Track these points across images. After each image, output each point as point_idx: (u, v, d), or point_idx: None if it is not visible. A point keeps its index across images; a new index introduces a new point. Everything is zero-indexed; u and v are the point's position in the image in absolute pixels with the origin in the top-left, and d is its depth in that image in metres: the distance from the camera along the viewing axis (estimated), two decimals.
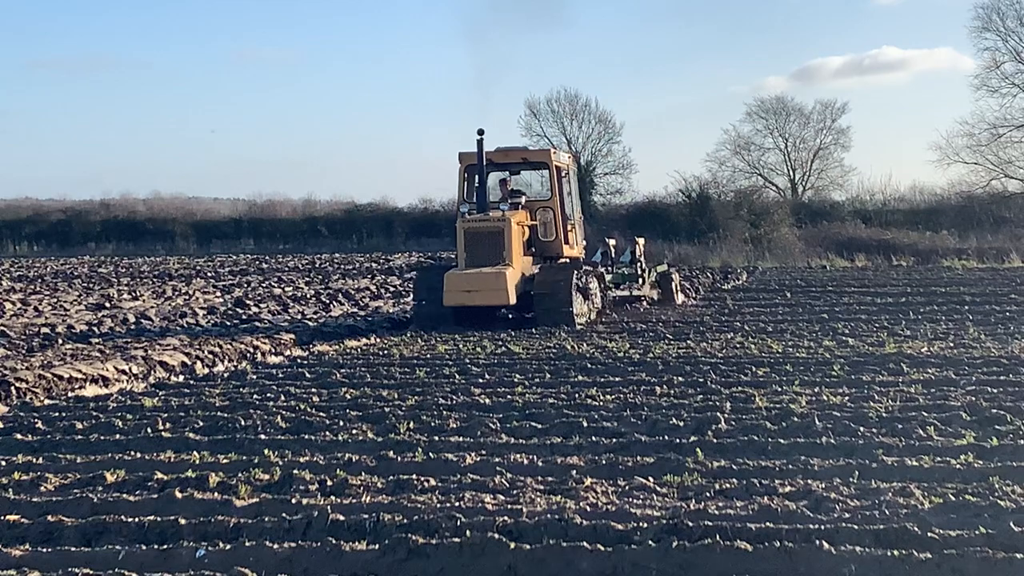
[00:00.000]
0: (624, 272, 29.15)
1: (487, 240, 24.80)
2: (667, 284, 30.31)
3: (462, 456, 11.49)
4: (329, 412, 14.22)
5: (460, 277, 24.44)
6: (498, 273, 24.23)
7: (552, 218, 26.56)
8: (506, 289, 24.08)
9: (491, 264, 24.51)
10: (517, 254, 24.96)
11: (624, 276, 29.04)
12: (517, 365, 18.23)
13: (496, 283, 24.14)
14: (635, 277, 29.15)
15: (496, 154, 26.49)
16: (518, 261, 24.95)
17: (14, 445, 12.75)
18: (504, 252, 24.66)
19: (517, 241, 25.01)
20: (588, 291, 25.72)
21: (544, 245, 26.61)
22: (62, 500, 10.12)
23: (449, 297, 24.34)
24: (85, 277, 43.78)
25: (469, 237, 24.99)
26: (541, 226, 26.52)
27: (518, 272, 24.82)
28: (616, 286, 28.66)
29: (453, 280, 24.40)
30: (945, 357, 17.81)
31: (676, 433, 12.33)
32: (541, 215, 26.57)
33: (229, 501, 9.93)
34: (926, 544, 8.12)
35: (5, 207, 76.80)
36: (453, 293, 24.29)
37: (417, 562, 8.17)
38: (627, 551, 8.16)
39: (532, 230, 26.25)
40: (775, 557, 7.93)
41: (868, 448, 11.34)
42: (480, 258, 24.68)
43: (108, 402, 15.72)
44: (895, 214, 57.39)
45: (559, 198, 26.50)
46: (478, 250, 24.80)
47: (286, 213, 73.15)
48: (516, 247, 24.91)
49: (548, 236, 26.59)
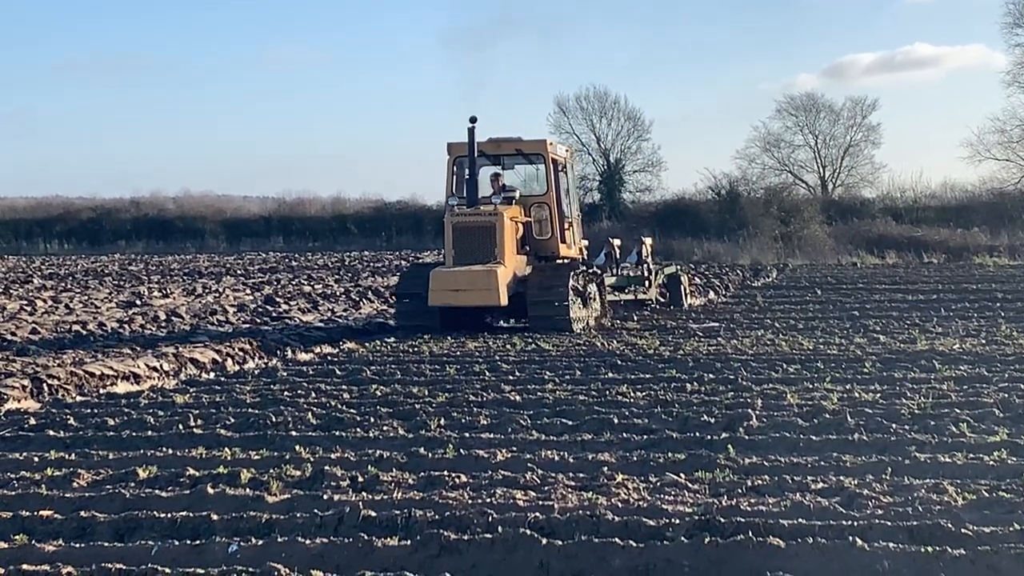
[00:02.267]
0: (629, 274, 27.61)
1: (477, 236, 23.24)
2: (676, 287, 28.66)
3: (493, 453, 11.50)
4: (360, 409, 14.25)
5: (447, 275, 22.91)
6: (488, 271, 22.59)
7: (548, 215, 24.80)
8: (497, 289, 22.44)
9: (481, 262, 22.89)
10: (510, 252, 23.36)
11: (629, 279, 27.49)
12: (547, 362, 18.23)
13: (486, 282, 22.52)
14: (641, 280, 27.57)
15: (488, 145, 24.66)
16: (511, 259, 23.34)
17: (47, 441, 12.81)
18: (496, 249, 23.06)
19: (510, 238, 23.43)
20: (587, 294, 24.27)
21: (539, 244, 24.86)
22: (95, 496, 10.16)
23: (435, 296, 22.73)
24: (116, 275, 43.95)
25: (458, 232, 23.50)
26: (536, 223, 24.77)
27: (510, 271, 23.22)
28: (620, 289, 27.16)
29: (439, 278, 22.82)
30: (977, 354, 17.76)
31: (707, 430, 12.32)
32: (536, 212, 24.78)
33: (261, 497, 9.96)
34: (960, 541, 8.09)
35: (36, 205, 77.16)
36: (439, 292, 22.69)
37: (449, 558, 8.17)
38: (659, 547, 8.14)
39: (526, 227, 24.56)
40: (808, 554, 7.91)
41: (901, 445, 11.31)
42: (469, 255, 23.09)
43: (140, 399, 15.77)
44: (926, 211, 57.11)
45: (555, 193, 24.79)
46: (467, 246, 23.23)
47: (315, 211, 73.25)
48: (509, 244, 23.34)
49: (543, 234, 24.85)
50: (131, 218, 71.98)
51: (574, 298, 23.37)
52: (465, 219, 23.43)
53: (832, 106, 67.50)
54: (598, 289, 25.12)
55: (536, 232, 24.73)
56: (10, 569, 8.04)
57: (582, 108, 65.69)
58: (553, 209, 24.72)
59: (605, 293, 25.56)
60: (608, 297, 25.88)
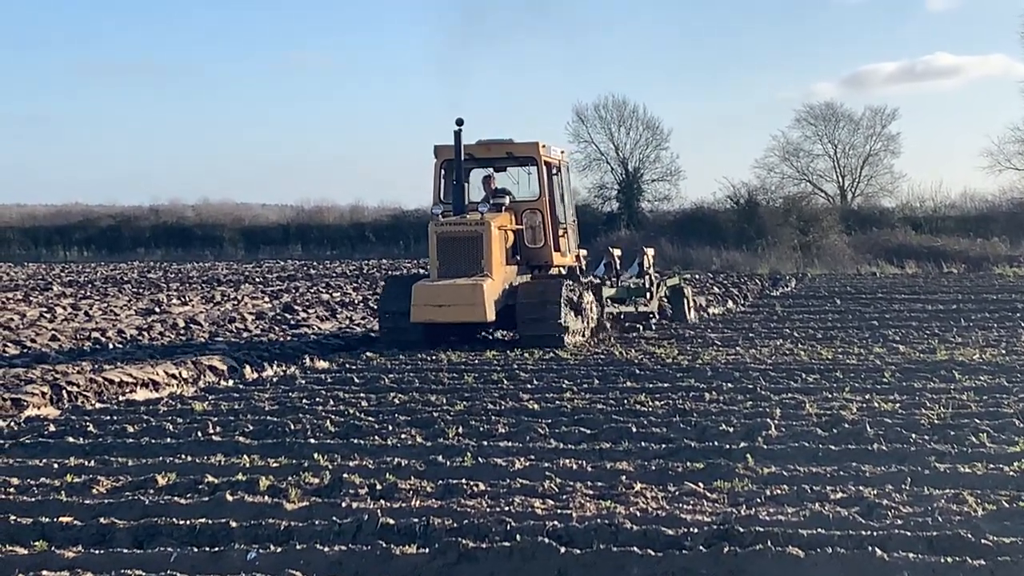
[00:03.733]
0: (629, 286, 25.56)
1: (463, 247, 21.80)
2: (679, 300, 26.95)
3: (511, 461, 11.50)
4: (378, 417, 14.27)
5: (429, 289, 21.48)
6: (474, 285, 21.17)
7: (541, 222, 23.33)
8: (482, 304, 21.01)
9: (467, 274, 21.53)
10: (498, 263, 21.96)
11: (629, 290, 25.42)
12: (565, 371, 18.23)
13: (471, 297, 21.09)
14: (642, 291, 25.54)
15: (477, 148, 23.22)
16: (499, 271, 21.96)
17: (66, 448, 12.85)
18: (482, 260, 21.66)
19: (498, 248, 22.02)
20: (581, 306, 22.71)
21: (531, 252, 23.42)
22: (114, 502, 10.19)
23: (417, 312, 21.31)
24: (135, 282, 44.04)
25: (442, 243, 22.04)
26: (529, 231, 23.37)
27: (499, 284, 21.85)
28: (621, 302, 25.20)
29: (421, 293, 21.40)
30: (997, 364, 17.72)
31: (726, 439, 12.31)
32: (528, 218, 23.34)
33: (279, 504, 9.97)
34: (980, 551, 8.08)
35: (56, 213, 77.36)
36: (421, 308, 21.28)
37: (467, 566, 8.18)
38: (677, 556, 8.14)
39: (518, 235, 23.16)
40: (827, 564, 7.90)
41: (920, 455, 11.29)
42: (454, 268, 21.74)
43: (159, 406, 15.81)
44: (946, 221, 56.97)
45: (549, 198, 23.31)
46: (452, 258, 21.84)
47: (333, 219, 73.27)
48: (496, 255, 21.91)
49: (536, 242, 23.41)
50: (150, 225, 72.09)
51: (567, 310, 21.98)
52: (450, 229, 22.08)
53: (851, 115, 67.39)
54: (596, 300, 23.74)
55: (529, 240, 23.43)
56: (30, 575, 8.07)
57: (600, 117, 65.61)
58: (546, 215, 23.32)
59: (603, 305, 24.14)
60: (608, 309, 24.51)
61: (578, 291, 22.70)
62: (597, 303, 23.73)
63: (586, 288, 23.27)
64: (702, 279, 41.08)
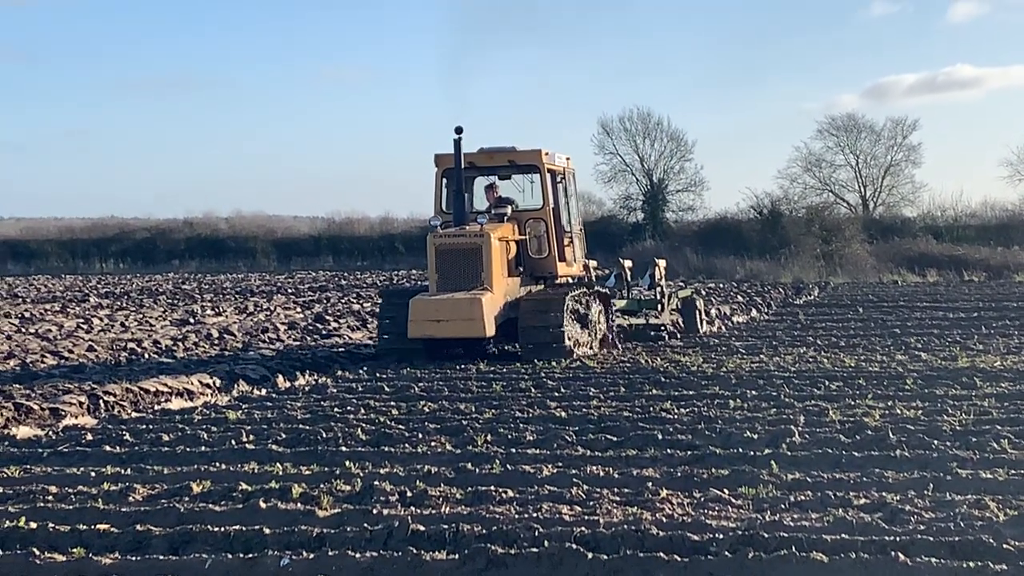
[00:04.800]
0: (641, 298, 24.75)
1: (462, 259, 20.79)
2: (691, 312, 25.85)
3: (539, 468, 11.50)
4: (408, 425, 14.29)
5: (427, 304, 20.56)
6: (472, 299, 20.23)
7: (545, 231, 22.24)
8: (481, 319, 20.10)
9: (466, 288, 20.57)
10: (499, 276, 20.95)
11: (640, 303, 24.56)
12: (592, 379, 18.22)
13: (469, 312, 20.16)
14: (653, 303, 24.62)
15: (479, 156, 22.34)
16: (499, 284, 20.94)
17: (103, 456, 12.90)
18: (482, 273, 20.66)
19: (498, 260, 20.96)
20: (588, 318, 21.76)
21: (536, 263, 22.33)
22: (150, 510, 10.23)
23: (415, 327, 20.44)
24: (170, 293, 44.15)
25: (441, 256, 21.00)
26: (533, 241, 22.29)
27: (499, 297, 20.87)
28: (632, 314, 24.33)
29: (419, 307, 20.50)
30: (1018, 371, 17.65)
31: (750, 446, 12.28)
32: (532, 228, 22.25)
33: (312, 512, 10.00)
34: (1002, 556, 8.05)
35: (92, 226, 77.58)
36: (419, 323, 20.39)
37: (496, 572, 8.19)
38: (703, 562, 8.14)
39: (521, 246, 22.12)
40: (850, 569, 7.88)
41: (942, 461, 11.25)
42: (454, 281, 20.75)
43: (193, 415, 15.86)
44: (966, 230, 56.80)
45: (552, 207, 22.22)
46: (451, 271, 20.83)
47: (364, 231, 73.33)
48: (497, 267, 20.90)
49: (541, 253, 22.30)
50: (184, 238, 72.28)
51: (572, 322, 21.09)
52: (449, 241, 21.03)
53: (873, 126, 67.15)
54: (604, 311, 22.79)
55: (533, 250, 22.35)
56: None
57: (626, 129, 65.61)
58: (551, 224, 22.23)
59: (612, 315, 23.10)
60: (618, 321, 23.62)
61: (585, 302, 21.84)
62: (605, 314, 22.82)
63: (593, 299, 22.29)
64: (726, 288, 41.03)
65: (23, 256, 71.15)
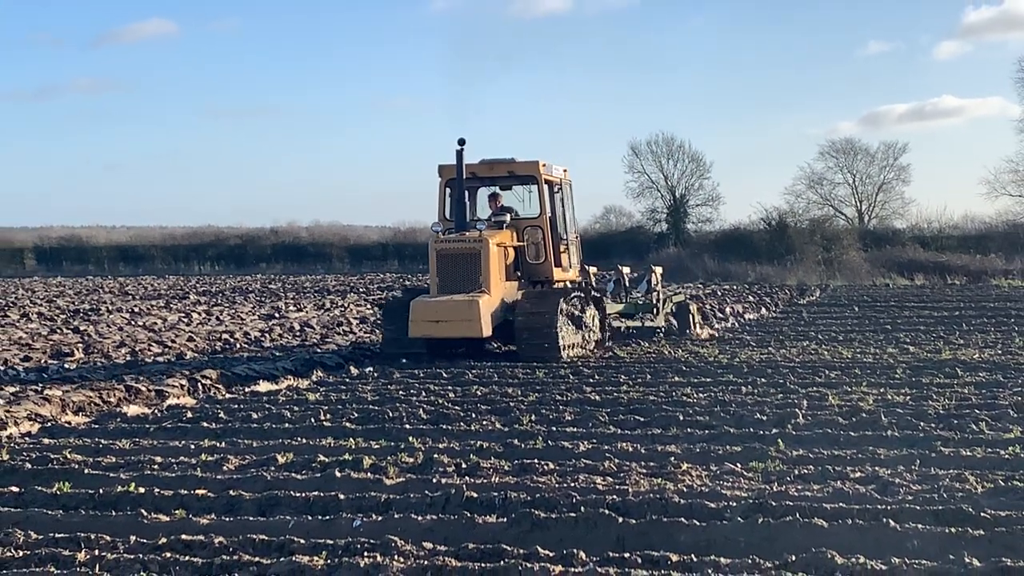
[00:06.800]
0: (638, 301, 23.52)
1: (462, 264, 19.62)
2: (684, 316, 24.32)
3: (576, 444, 11.50)
4: (463, 406, 14.30)
5: (427, 306, 19.39)
6: (470, 302, 19.04)
7: (542, 238, 20.93)
8: (478, 320, 18.93)
9: (465, 291, 19.36)
10: (496, 279, 19.71)
11: (637, 306, 23.35)
12: (622, 367, 18.19)
13: (467, 313, 18.98)
14: (649, 307, 23.46)
15: (481, 167, 21.05)
16: (497, 287, 19.71)
17: (201, 432, 12.97)
18: (480, 277, 19.46)
19: (496, 264, 19.76)
20: (582, 320, 20.53)
21: (533, 268, 21.02)
22: (241, 478, 10.28)
23: (415, 328, 19.27)
24: (258, 292, 44.29)
25: (442, 260, 19.84)
26: (531, 247, 21.02)
27: (496, 300, 19.61)
28: (629, 316, 23.17)
29: (419, 309, 19.33)
30: (994, 363, 17.53)
31: (760, 426, 12.24)
32: (530, 235, 21.03)
33: (380, 480, 10.02)
34: (979, 523, 8.02)
35: (192, 233, 77.87)
36: (419, 323, 19.24)
37: (539, 533, 8.19)
38: (719, 526, 8.13)
39: (519, 252, 20.84)
40: (847, 533, 7.86)
41: (928, 440, 11.19)
42: (453, 284, 19.58)
43: (278, 396, 15.93)
44: (949, 239, 56.38)
45: (549, 216, 20.86)
46: (451, 275, 19.66)
47: (425, 238, 72.74)
48: (495, 271, 19.67)
49: (538, 258, 20.99)
50: (270, 244, 72.42)
51: (566, 323, 19.83)
52: (449, 246, 19.84)
53: (868, 149, 66.77)
54: (599, 314, 21.47)
55: (531, 256, 21.04)
56: (171, 539, 8.16)
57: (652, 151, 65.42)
58: (547, 232, 20.87)
59: (606, 318, 21.83)
60: (617, 324, 22.59)
61: (579, 305, 20.61)
62: (600, 317, 21.52)
63: (587, 302, 21.03)
64: (739, 289, 40.83)
65: (132, 259, 71.55)
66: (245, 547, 7.96)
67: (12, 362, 19.65)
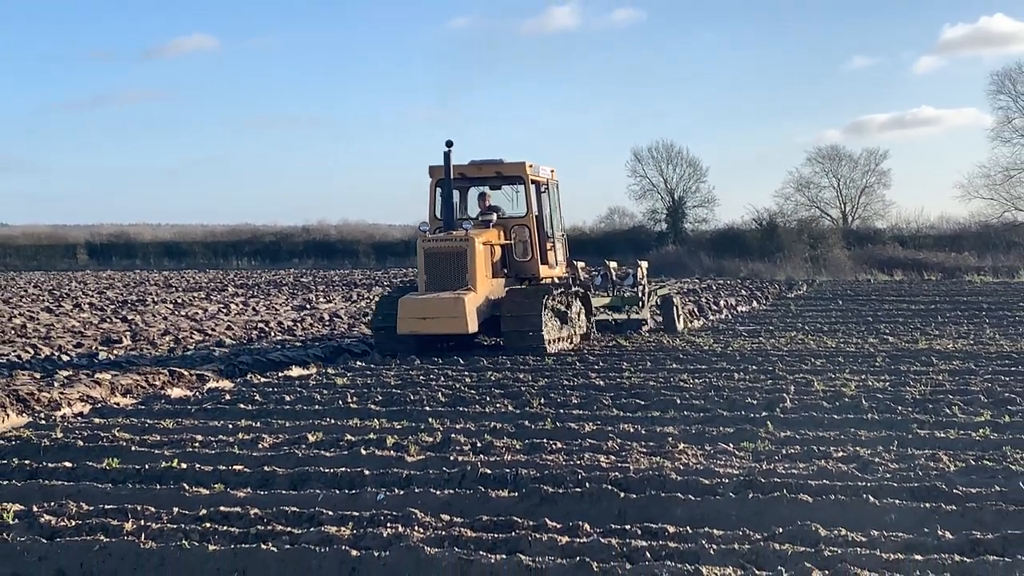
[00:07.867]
0: (624, 295, 22.74)
1: (449, 262, 18.72)
2: (668, 309, 23.17)
3: (582, 425, 11.50)
4: (478, 390, 14.31)
5: (415, 303, 18.49)
6: (456, 299, 18.19)
7: (529, 236, 20.10)
8: (464, 316, 18.08)
9: (452, 288, 18.48)
10: (482, 277, 18.88)
11: (624, 299, 22.60)
12: (624, 355, 18.17)
13: (453, 309, 18.12)
14: (635, 300, 22.65)
15: (469, 168, 20.18)
16: (483, 285, 18.85)
17: (238, 412, 13.01)
18: (467, 275, 18.58)
19: (482, 262, 18.94)
20: (567, 315, 19.76)
21: (520, 266, 20.17)
22: (275, 455, 10.31)
23: (403, 324, 18.34)
24: (291, 285, 44.36)
25: (429, 258, 18.89)
26: (519, 245, 20.19)
27: (482, 297, 18.73)
28: (616, 309, 22.50)
29: (407, 306, 18.42)
30: (967, 352, 17.48)
31: (751, 409, 12.23)
32: (518, 233, 20.20)
33: (402, 457, 10.05)
34: (952, 499, 8.02)
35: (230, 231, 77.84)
36: (407, 320, 18.32)
37: (548, 507, 8.21)
38: (712, 501, 8.14)
39: (505, 250, 20.01)
40: (830, 507, 7.87)
41: (905, 423, 11.18)
42: (440, 281, 18.66)
43: (309, 380, 15.96)
44: (926, 238, 56.17)
45: (536, 215, 20.03)
46: (438, 273, 18.74)
47: None
48: (481, 269, 18.84)
49: (525, 256, 20.15)
50: (302, 241, 72.30)
51: (551, 318, 19.06)
52: (436, 245, 18.93)
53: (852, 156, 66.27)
54: (584, 308, 20.82)
55: (518, 254, 20.20)
56: (211, 510, 8.19)
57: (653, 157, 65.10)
58: (533, 230, 20.03)
59: (592, 312, 21.17)
60: (604, 316, 22.07)
61: (566, 300, 19.92)
62: (585, 311, 20.86)
63: (573, 298, 20.35)
64: (732, 284, 40.75)
65: (175, 254, 71.54)
66: (278, 518, 7.99)
67: (66, 348, 19.72)
